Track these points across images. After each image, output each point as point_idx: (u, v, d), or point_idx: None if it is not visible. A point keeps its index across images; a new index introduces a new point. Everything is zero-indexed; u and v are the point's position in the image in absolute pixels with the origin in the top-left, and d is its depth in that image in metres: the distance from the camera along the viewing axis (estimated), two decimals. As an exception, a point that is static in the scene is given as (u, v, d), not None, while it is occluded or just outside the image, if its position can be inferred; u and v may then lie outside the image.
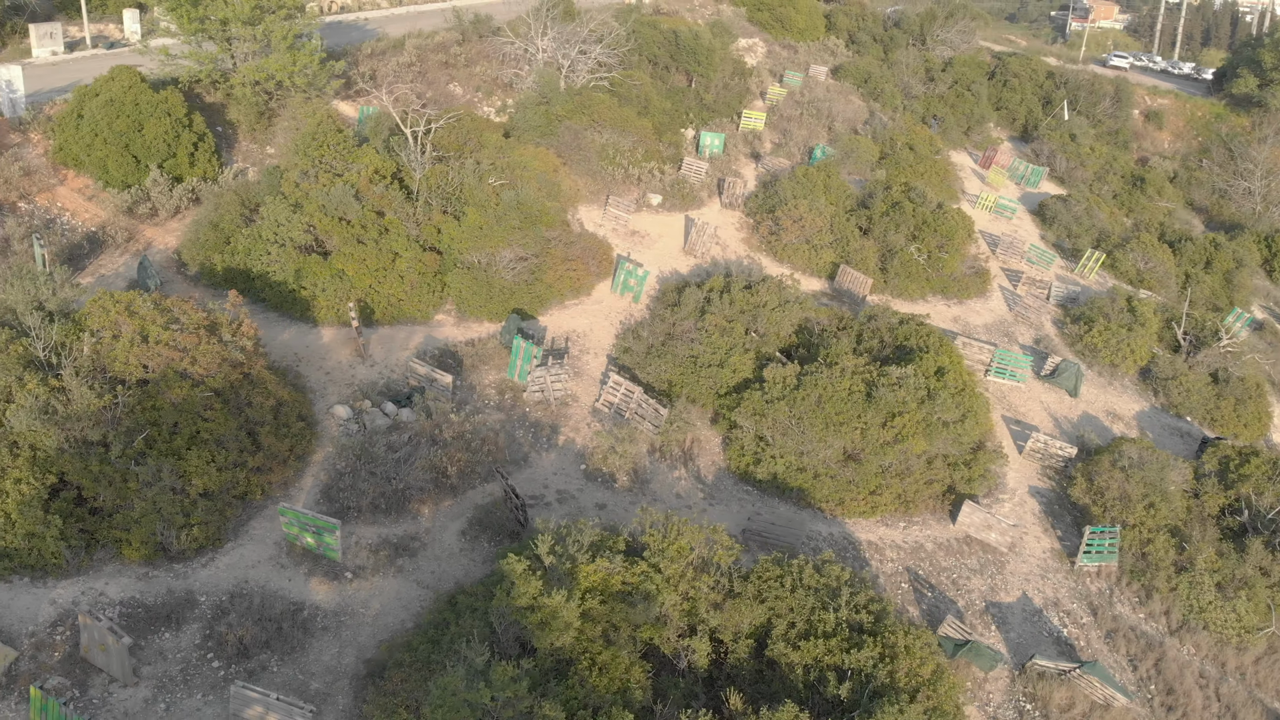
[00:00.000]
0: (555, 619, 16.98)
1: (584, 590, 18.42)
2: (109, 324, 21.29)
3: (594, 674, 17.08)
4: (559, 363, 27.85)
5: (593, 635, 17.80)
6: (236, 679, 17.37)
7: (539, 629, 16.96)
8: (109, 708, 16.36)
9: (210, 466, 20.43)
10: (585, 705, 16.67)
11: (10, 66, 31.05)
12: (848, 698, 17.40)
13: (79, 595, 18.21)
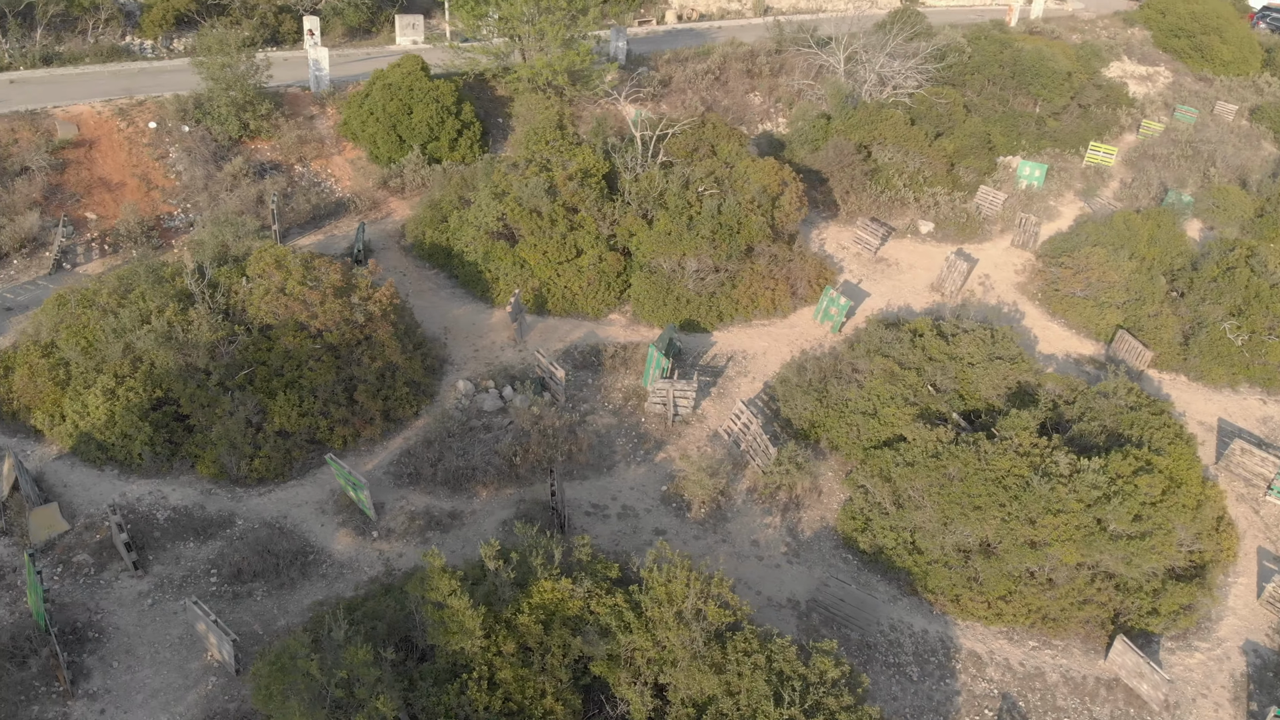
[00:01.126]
0: (453, 621, 16.36)
1: (533, 606, 17.55)
2: (262, 273, 24.29)
3: (481, 689, 16.18)
4: (687, 379, 26.53)
5: (509, 651, 16.85)
6: (223, 596, 19.12)
7: (436, 627, 16.46)
8: (107, 589, 18.83)
9: (294, 410, 22.50)
10: (463, 688, 15.89)
11: (320, 49, 36.49)
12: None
13: (145, 493, 21.13)
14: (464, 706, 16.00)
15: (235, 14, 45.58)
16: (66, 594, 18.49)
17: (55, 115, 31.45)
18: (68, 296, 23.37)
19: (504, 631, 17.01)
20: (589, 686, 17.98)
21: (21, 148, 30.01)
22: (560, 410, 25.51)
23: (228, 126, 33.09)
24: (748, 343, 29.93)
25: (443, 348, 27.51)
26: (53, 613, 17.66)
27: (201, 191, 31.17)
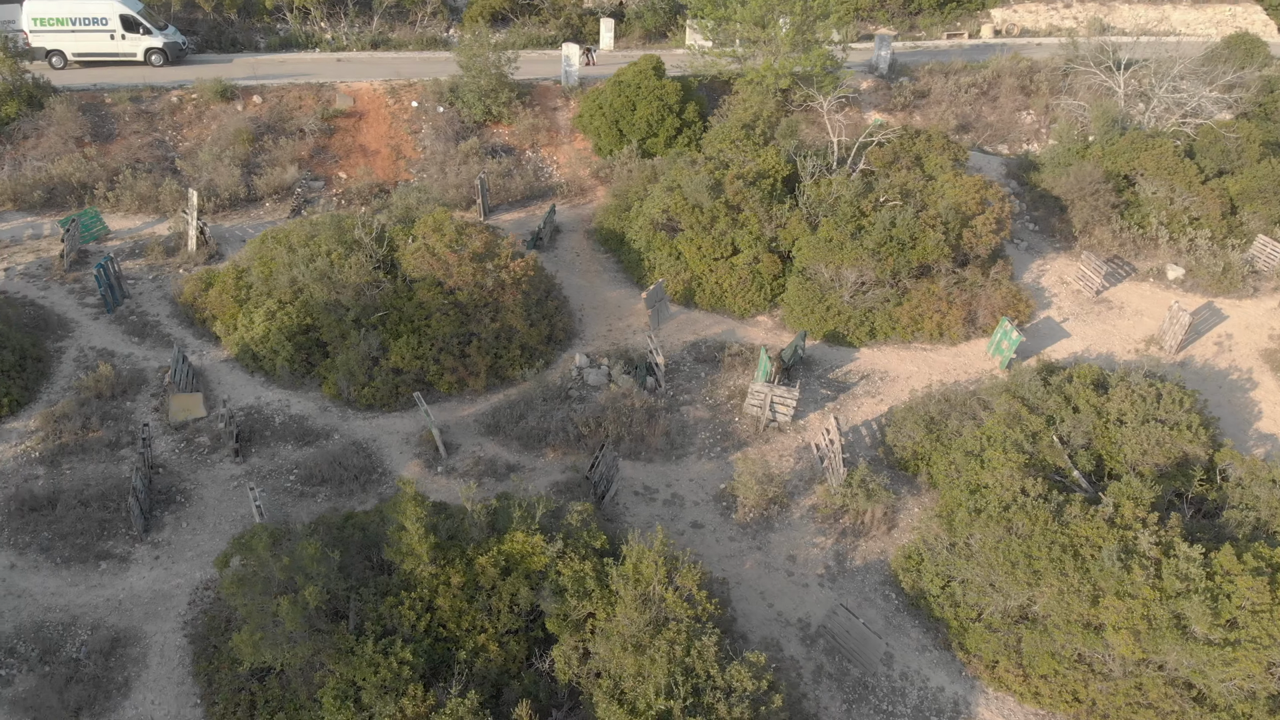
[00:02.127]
0: (406, 544, 17.89)
1: (499, 552, 18.64)
2: (423, 234, 27.50)
3: (414, 609, 17.56)
4: (789, 386, 25.78)
5: (455, 583, 18.04)
6: (292, 493, 22.34)
7: (392, 546, 18.09)
8: (209, 468, 22.72)
9: (410, 351, 25.35)
10: (392, 634, 17.40)
11: (571, 45, 39.55)
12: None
13: (274, 400, 25.01)
14: (394, 619, 17.53)
15: (545, 13, 50.52)
16: (177, 464, 22.67)
17: (338, 89, 37.48)
18: (270, 234, 28.15)
19: (457, 566, 18.28)
20: (543, 640, 18.67)
21: (304, 113, 36.20)
22: (654, 395, 26.10)
23: (473, 110, 37.27)
24: (894, 364, 28.32)
25: (578, 323, 29.15)
26: (152, 476, 21.85)
27: (438, 164, 35.48)
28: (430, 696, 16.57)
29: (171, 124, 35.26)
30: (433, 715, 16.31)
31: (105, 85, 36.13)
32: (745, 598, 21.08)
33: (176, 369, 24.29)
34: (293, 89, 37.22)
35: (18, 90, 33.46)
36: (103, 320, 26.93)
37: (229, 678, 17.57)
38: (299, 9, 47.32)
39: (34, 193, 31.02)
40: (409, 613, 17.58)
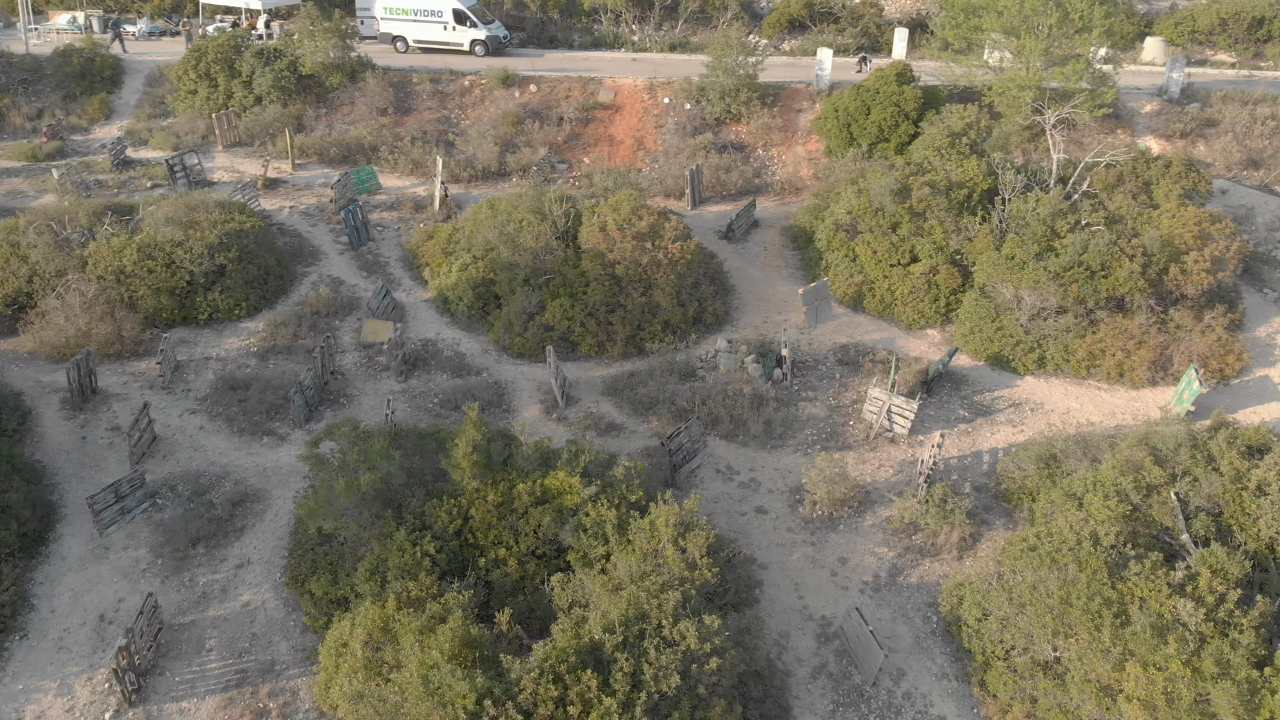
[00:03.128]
0: (454, 456, 20.48)
1: (537, 484, 20.72)
2: (604, 210, 30.15)
3: (448, 512, 20.13)
4: (909, 397, 24.98)
5: (490, 500, 20.33)
6: (431, 412, 25.99)
7: (446, 458, 20.76)
8: (375, 382, 26.96)
9: (560, 312, 28.11)
10: (426, 529, 20.12)
11: (825, 50, 39.98)
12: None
13: (450, 338, 28.78)
14: (431, 517, 20.26)
15: (843, 22, 51.24)
16: (353, 375, 27.15)
17: (604, 83, 41.22)
18: (489, 200, 32.25)
19: (499, 487, 20.62)
20: (563, 568, 20.47)
21: (568, 103, 40.34)
22: (775, 386, 26.61)
23: (714, 108, 39.26)
24: (1055, 398, 26.32)
25: (735, 311, 30.19)
26: (328, 379, 26.51)
27: (670, 156, 38.00)
28: (435, 586, 19.08)
29: (459, 104, 41.07)
30: (430, 601, 18.81)
31: (416, 67, 42.87)
32: (778, 585, 21.30)
33: (378, 299, 29.01)
34: (565, 81, 41.60)
35: (342, 65, 40.84)
36: (346, 256, 32.63)
37: (306, 539, 21.34)
38: (612, 11, 52.13)
39: (332, 149, 37.98)
40: (444, 514, 20.22)
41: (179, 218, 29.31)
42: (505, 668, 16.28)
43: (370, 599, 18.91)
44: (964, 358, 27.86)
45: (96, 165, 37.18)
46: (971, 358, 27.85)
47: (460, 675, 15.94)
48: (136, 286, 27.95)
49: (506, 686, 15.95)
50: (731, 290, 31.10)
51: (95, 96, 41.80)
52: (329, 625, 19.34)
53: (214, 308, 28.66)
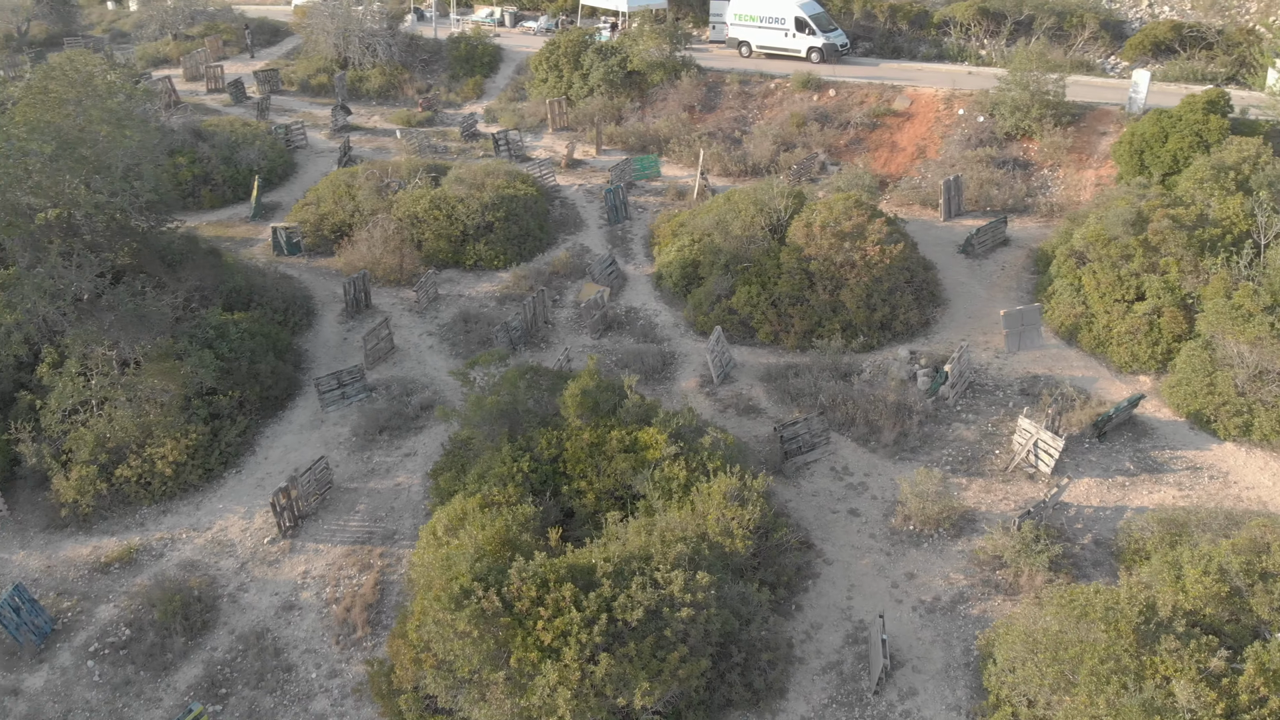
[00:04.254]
0: (564, 399, 23.16)
1: (630, 436, 22.82)
2: (820, 209, 30.92)
3: (548, 441, 22.91)
4: (1057, 437, 22.99)
5: (583, 440, 22.74)
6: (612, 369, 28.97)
7: (560, 398, 23.49)
8: (576, 334, 30.41)
9: (745, 299, 29.43)
10: (528, 451, 23.07)
11: (1141, 71, 36.08)
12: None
13: (651, 308, 31.44)
14: (533, 442, 23.22)
15: (1216, 49, 45.83)
16: (561, 327, 30.83)
17: (903, 92, 41.01)
18: (729, 191, 34.27)
19: (597, 431, 23.03)
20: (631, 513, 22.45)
21: (860, 109, 40.80)
22: (933, 401, 25.89)
23: (1004, 123, 37.48)
24: (1247, 471, 22.87)
25: (934, 323, 29.35)
26: (540, 326, 30.49)
27: (947, 167, 37.14)
28: (517, 496, 22.03)
29: (759, 105, 43.32)
30: (504, 505, 21.79)
31: (734, 70, 45.77)
32: (833, 582, 21.38)
33: (602, 266, 32.53)
34: (864, 87, 42.07)
35: (665, 64, 44.85)
36: (602, 230, 36.56)
37: (455, 442, 25.30)
38: (961, 25, 51.06)
39: (632, 138, 42.18)
40: (543, 442, 23.11)
41: (469, 180, 35.11)
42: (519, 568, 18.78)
43: (465, 495, 22.40)
44: (1164, 410, 24.89)
45: (450, 135, 44.91)
46: (1172, 411, 24.80)
47: (469, 558, 18.77)
48: (424, 230, 34.12)
49: (500, 578, 18.48)
50: (942, 303, 30.26)
51: (472, 78, 50.12)
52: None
53: (478, 256, 34.02)
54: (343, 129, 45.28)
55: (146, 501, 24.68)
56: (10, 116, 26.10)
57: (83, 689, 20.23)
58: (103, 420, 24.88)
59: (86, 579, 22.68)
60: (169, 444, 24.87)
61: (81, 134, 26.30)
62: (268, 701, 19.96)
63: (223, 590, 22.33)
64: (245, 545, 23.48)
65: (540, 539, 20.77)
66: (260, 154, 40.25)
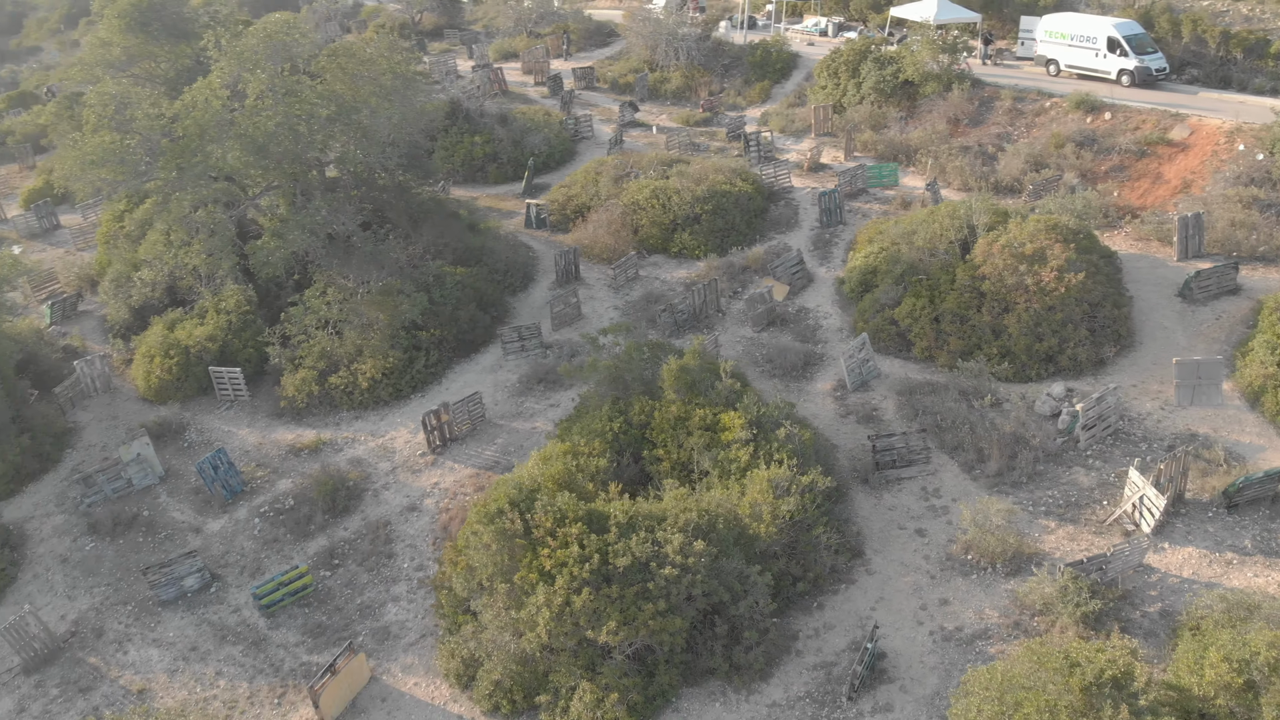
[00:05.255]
0: (664, 368, 24.90)
1: (714, 416, 24.15)
2: (1013, 228, 29.51)
3: (639, 408, 24.82)
4: (1161, 496, 20.63)
5: (672, 415, 24.34)
6: (750, 358, 30.17)
7: (657, 371, 25.26)
8: (739, 327, 31.75)
9: (906, 311, 29.01)
10: (624, 415, 25.10)
11: None
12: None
13: (824, 309, 31.89)
14: (629, 406, 25.23)
15: None
16: (732, 318, 32.34)
17: (1186, 120, 36.91)
18: (946, 204, 33.44)
19: (687, 408, 24.63)
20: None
21: (1129, 136, 37.33)
22: (1058, 440, 24.27)
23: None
24: None
25: (1111, 365, 26.98)
26: (711, 318, 32.26)
27: (1201, 203, 33.23)
28: (599, 449, 24.26)
29: (1028, 123, 41.08)
30: (586, 455, 24.09)
31: (1003, 84, 43.68)
32: (864, 590, 21.34)
33: (787, 264, 33.47)
34: (1142, 113, 38.39)
35: (940, 76, 43.85)
36: (813, 231, 37.20)
37: (584, 398, 27.95)
38: (1312, 52, 44.58)
39: (880, 146, 41.98)
40: (637, 407, 25.14)
41: (692, 174, 37.56)
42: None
43: (559, 441, 25.15)
44: (1333, 494, 21.33)
45: (718, 135, 47.44)
46: (1339, 495, 21.18)
47: (511, 485, 21.45)
48: (641, 217, 37.16)
49: (530, 507, 20.95)
50: (1130, 345, 27.69)
51: (761, 83, 52.14)
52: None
53: (683, 245, 36.41)
54: (627, 124, 49.58)
55: (345, 407, 30.14)
56: (312, 85, 32.71)
57: (243, 539, 25.75)
58: (329, 337, 30.72)
59: (281, 457, 28.44)
60: (370, 363, 30.17)
61: (356, 104, 32.33)
62: (364, 577, 24.11)
63: (370, 486, 26.97)
64: (402, 454, 28.01)
65: (603, 490, 22.96)
66: (544, 140, 45.60)
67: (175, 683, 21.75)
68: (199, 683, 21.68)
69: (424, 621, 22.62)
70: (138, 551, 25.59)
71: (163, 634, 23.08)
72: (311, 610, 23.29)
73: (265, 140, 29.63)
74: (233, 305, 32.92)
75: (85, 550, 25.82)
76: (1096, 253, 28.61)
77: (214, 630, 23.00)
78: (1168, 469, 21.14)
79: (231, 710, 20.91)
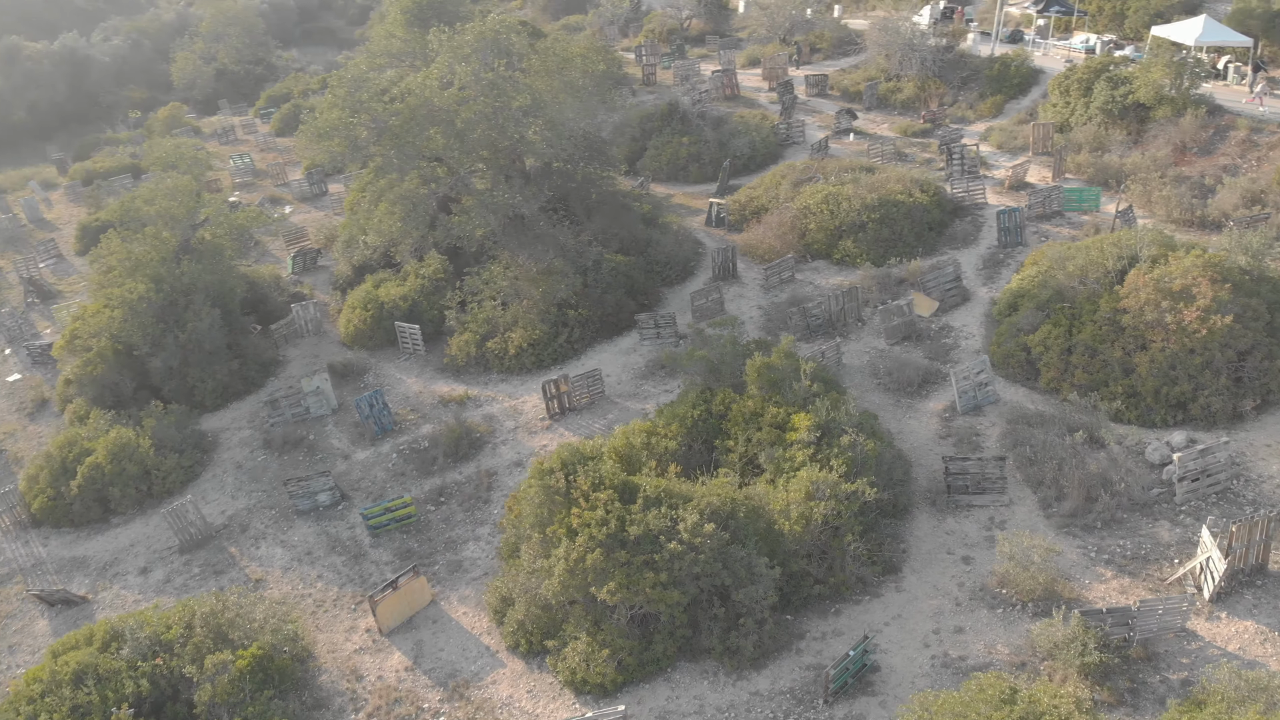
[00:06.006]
0: (749, 364, 25.60)
1: (787, 415, 24.63)
2: (1174, 260, 27.09)
3: (721, 398, 25.72)
4: (1223, 560, 18.57)
5: (747, 409, 25.06)
6: (870, 370, 29.90)
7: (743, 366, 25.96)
8: (874, 339, 31.42)
9: (1041, 336, 27.51)
10: (707, 404, 26.07)
11: None
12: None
13: (961, 329, 30.73)
14: (714, 399, 26.21)
15: None
16: (870, 327, 32.08)
17: None
18: (1108, 237, 31.07)
19: (763, 404, 25.29)
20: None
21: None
22: (1150, 490, 22.41)
23: None
24: None
25: (1248, 419, 24.23)
26: (846, 326, 32.23)
27: None
28: (675, 432, 25.56)
29: (1260, 156, 36.66)
30: (660, 436, 25.47)
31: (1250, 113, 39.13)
32: (884, 605, 21.16)
33: (942, 280, 32.57)
34: None
35: (1174, 100, 40.07)
36: (988, 249, 35.66)
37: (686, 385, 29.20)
38: None
39: (1090, 169, 39.12)
40: (717, 400, 26.12)
41: (868, 182, 37.33)
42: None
43: (646, 421, 26.70)
44: None
45: (930, 147, 46.21)
46: None
47: (570, 454, 23.32)
48: (809, 221, 37.50)
49: (576, 470, 22.69)
50: (1277, 401, 24.72)
51: (994, 97, 49.85)
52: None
53: (844, 252, 36.35)
54: (841, 132, 49.54)
55: (496, 370, 33.40)
56: (513, 79, 36.12)
57: (379, 469, 29.54)
58: (494, 306, 34.13)
59: (431, 406, 32.12)
60: (519, 332, 33.23)
61: (548, 98, 35.40)
62: (459, 516, 27.03)
63: (492, 440, 29.92)
64: (526, 417, 30.76)
65: (664, 468, 24.32)
66: (749, 144, 46.84)
67: (285, 578, 25.71)
68: (302, 581, 25.50)
69: (491, 561, 25.07)
70: (295, 468, 30.14)
71: (289, 537, 27.23)
72: (409, 537, 26.47)
73: (464, 127, 33.36)
74: (430, 271, 37.27)
75: (256, 461, 30.79)
76: (1262, 297, 25.62)
77: (328, 541, 26.82)
78: (1240, 533, 19.06)
79: (318, 609, 24.47)
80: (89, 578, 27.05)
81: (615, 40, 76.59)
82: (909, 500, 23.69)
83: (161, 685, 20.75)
